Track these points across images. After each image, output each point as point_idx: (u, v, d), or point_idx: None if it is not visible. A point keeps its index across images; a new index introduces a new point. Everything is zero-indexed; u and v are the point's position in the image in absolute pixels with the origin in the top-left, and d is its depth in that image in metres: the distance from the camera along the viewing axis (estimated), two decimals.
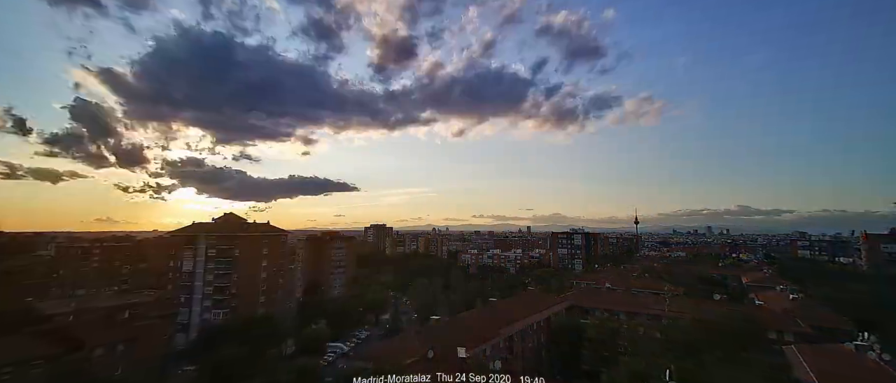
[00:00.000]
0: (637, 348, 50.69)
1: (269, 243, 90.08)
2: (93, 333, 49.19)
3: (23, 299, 75.46)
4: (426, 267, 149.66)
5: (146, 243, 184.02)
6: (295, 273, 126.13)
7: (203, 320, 77.83)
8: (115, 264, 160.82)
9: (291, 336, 74.01)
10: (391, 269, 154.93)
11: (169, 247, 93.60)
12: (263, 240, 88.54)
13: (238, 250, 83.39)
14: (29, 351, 41.77)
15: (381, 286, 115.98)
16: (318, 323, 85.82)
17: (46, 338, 45.24)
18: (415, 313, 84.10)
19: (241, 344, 59.56)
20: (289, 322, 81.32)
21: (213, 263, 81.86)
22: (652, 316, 59.38)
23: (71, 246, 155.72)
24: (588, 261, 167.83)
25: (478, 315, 57.89)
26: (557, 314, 65.96)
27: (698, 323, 50.22)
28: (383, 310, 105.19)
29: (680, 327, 51.00)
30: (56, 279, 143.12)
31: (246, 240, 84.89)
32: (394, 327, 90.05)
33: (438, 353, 39.25)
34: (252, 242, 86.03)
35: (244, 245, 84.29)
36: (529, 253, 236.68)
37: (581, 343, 56.86)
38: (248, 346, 60.66)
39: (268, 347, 63.12)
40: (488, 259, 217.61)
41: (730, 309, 53.51)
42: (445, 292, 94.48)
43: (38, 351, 42.37)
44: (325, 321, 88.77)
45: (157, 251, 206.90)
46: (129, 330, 54.36)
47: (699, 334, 48.53)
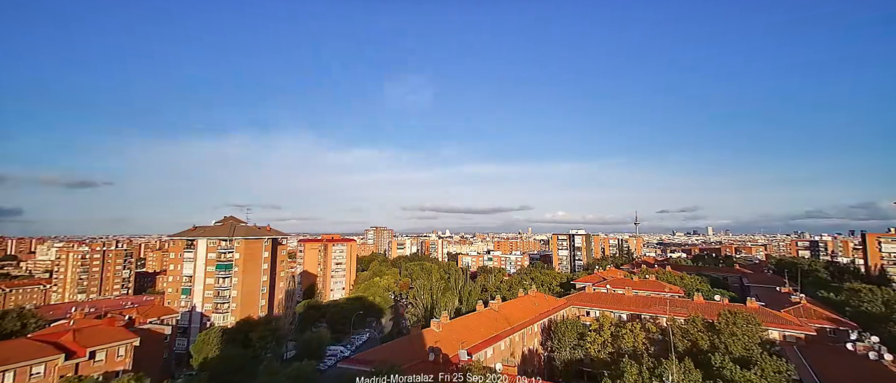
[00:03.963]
0: (638, 349, 50.65)
1: (270, 246, 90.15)
2: (93, 336, 49.10)
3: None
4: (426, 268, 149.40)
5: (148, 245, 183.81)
6: (295, 275, 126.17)
7: (203, 323, 77.81)
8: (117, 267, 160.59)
9: (291, 339, 73.95)
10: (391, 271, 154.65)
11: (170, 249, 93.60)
12: (263, 242, 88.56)
13: (238, 253, 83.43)
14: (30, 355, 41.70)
15: (382, 288, 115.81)
16: (318, 326, 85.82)
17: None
18: (415, 315, 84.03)
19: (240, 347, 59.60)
20: (289, 325, 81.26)
21: (213, 266, 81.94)
22: (652, 316, 59.36)
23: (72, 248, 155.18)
24: (588, 261, 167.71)
25: (478, 316, 57.83)
26: (558, 315, 65.93)
27: (699, 323, 50.19)
28: (384, 313, 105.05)
29: (681, 328, 50.97)
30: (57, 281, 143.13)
31: (246, 242, 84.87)
32: (394, 330, 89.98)
33: (439, 355, 39.24)
34: (252, 245, 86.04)
35: (244, 248, 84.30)
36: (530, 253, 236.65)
37: (581, 344, 56.79)
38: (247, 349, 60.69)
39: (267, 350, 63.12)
40: (488, 260, 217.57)
41: (731, 309, 53.41)
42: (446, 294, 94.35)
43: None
44: (326, 324, 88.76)
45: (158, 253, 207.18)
46: (129, 332, 54.27)
47: (700, 334, 48.51)
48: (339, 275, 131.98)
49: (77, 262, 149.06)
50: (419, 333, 49.32)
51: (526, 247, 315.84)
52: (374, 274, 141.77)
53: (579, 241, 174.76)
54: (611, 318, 59.63)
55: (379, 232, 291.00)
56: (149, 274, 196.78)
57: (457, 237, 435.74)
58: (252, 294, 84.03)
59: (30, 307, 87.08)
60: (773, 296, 72.79)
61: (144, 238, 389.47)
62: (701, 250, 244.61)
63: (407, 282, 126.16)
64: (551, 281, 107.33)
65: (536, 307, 65.57)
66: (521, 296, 72.93)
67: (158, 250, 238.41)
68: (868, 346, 42.25)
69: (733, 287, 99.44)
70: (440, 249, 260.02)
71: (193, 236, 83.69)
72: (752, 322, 47.48)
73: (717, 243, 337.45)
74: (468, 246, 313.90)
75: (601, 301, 69.14)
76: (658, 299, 67.19)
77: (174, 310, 78.00)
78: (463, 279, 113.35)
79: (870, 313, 57.62)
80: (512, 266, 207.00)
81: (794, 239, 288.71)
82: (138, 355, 51.86)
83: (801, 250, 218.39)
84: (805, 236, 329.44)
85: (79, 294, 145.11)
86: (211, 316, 79.41)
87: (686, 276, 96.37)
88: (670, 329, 50.06)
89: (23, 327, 64.72)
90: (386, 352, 43.40)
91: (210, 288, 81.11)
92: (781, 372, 36.38)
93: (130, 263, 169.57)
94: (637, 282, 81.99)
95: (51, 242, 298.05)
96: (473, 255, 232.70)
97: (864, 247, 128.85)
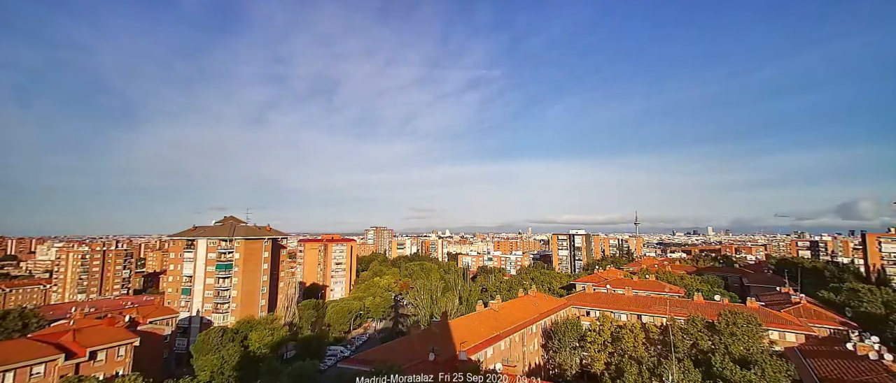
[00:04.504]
0: (638, 350, 50.68)
1: (270, 246, 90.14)
2: (94, 336, 49.10)
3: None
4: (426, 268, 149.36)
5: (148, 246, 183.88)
6: (295, 275, 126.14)
7: (203, 323, 77.81)
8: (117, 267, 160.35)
9: (291, 339, 73.90)
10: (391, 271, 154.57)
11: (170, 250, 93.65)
12: (263, 242, 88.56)
13: (238, 253, 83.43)
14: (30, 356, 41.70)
15: (382, 288, 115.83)
16: (318, 326, 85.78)
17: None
18: (415, 315, 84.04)
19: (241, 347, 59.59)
20: (289, 325, 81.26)
21: (213, 266, 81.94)
22: (653, 316, 59.36)
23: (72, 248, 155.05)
24: (588, 261, 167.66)
25: (478, 317, 57.82)
26: (558, 315, 65.90)
27: (700, 323, 50.21)
28: (384, 313, 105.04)
29: (682, 328, 50.99)
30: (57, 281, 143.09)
31: (246, 242, 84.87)
32: (394, 330, 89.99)
33: (439, 355, 39.23)
34: (252, 245, 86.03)
35: (244, 248, 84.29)
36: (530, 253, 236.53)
37: (582, 344, 56.81)
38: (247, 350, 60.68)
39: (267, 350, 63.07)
40: (488, 260, 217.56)
41: (731, 309, 53.42)
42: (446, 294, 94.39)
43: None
44: (326, 324, 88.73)
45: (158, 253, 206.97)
46: (129, 332, 54.27)
47: (701, 335, 48.53)
48: (339, 274, 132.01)
49: (77, 262, 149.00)
50: (419, 333, 49.36)
51: (526, 247, 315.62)
52: (375, 274, 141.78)
53: (579, 241, 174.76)
54: (611, 319, 59.65)
55: (379, 232, 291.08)
56: (149, 274, 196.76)
57: (457, 237, 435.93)
58: (252, 294, 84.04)
59: (30, 307, 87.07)
60: (773, 297, 72.77)
61: (144, 238, 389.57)
62: (701, 250, 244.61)
63: (407, 282, 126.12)
64: (551, 281, 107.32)
65: (536, 307, 65.55)
66: (521, 297, 72.91)
67: (158, 250, 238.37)
68: (868, 347, 42.20)
69: (733, 287, 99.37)
70: (440, 249, 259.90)
71: (193, 236, 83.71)
72: (752, 322, 47.48)
73: (717, 243, 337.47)
74: (468, 246, 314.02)
75: (601, 301, 69.10)
76: (658, 299, 67.17)
77: (174, 311, 78.02)
78: (463, 279, 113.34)
79: (870, 314, 57.58)
80: (512, 266, 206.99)
81: (794, 239, 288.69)
82: (138, 355, 51.86)
83: (801, 250, 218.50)
84: (805, 236, 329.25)
85: (79, 294, 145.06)
86: (211, 316, 79.43)
87: (686, 276, 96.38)
88: (670, 329, 50.09)
89: (24, 327, 64.74)
90: (386, 352, 43.43)
91: (210, 289, 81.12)
92: (781, 373, 36.40)
93: (130, 263, 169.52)
94: (637, 282, 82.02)
95: (51, 242, 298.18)
96: (473, 255, 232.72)
97: (864, 247, 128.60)
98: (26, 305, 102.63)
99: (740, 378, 35.18)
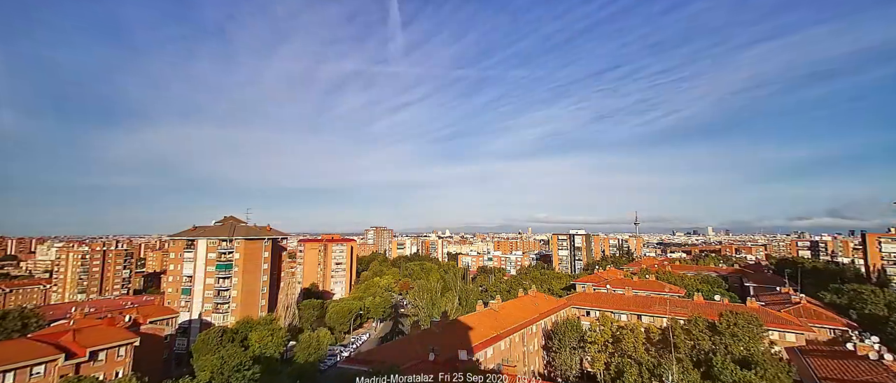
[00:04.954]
0: (639, 350, 50.64)
1: (270, 246, 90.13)
2: (94, 336, 49.09)
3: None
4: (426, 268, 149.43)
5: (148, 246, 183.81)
6: (295, 275, 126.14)
7: (203, 323, 77.82)
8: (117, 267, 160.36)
9: (291, 339, 73.92)
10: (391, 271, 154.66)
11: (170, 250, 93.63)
12: (263, 242, 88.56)
13: (238, 253, 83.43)
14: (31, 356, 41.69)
15: (382, 288, 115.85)
16: (318, 326, 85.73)
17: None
18: (415, 315, 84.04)
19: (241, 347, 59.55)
20: (289, 325, 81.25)
21: (213, 266, 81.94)
22: (653, 317, 59.33)
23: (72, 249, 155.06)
24: (588, 261, 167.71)
25: (478, 317, 57.80)
26: (558, 315, 65.87)
27: (701, 324, 50.16)
28: (384, 313, 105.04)
29: (682, 328, 50.94)
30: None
31: (246, 242, 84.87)
32: (394, 329, 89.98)
33: (439, 355, 39.20)
34: (252, 245, 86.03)
35: (244, 248, 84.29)
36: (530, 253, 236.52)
37: (582, 344, 56.77)
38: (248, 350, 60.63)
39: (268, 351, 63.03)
40: (488, 260, 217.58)
41: (732, 309, 53.40)
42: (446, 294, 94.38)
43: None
44: (326, 324, 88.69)
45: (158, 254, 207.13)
46: (129, 333, 54.26)
47: (702, 335, 48.50)
48: (339, 274, 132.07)
49: (77, 262, 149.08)
50: (419, 333, 49.33)
51: (526, 247, 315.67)
52: (375, 274, 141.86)
53: (579, 241, 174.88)
54: (611, 319, 59.61)
55: (379, 232, 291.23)
56: (149, 274, 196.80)
57: (457, 237, 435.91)
58: (252, 294, 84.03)
59: (30, 307, 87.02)
60: (773, 297, 72.72)
61: (144, 238, 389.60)
62: (701, 250, 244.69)
63: (407, 282, 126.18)
64: (551, 281, 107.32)
65: (537, 307, 65.50)
66: (521, 297, 72.85)
67: (158, 250, 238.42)
68: (868, 347, 42.18)
69: (733, 287, 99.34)
70: (440, 249, 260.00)
71: (193, 236, 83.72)
72: (753, 322, 47.44)
73: (717, 243, 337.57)
74: (468, 246, 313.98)
75: (601, 301, 69.06)
76: (658, 299, 67.11)
77: (174, 311, 77.98)
78: (463, 279, 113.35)
79: (870, 314, 57.56)
80: (512, 266, 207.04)
81: (794, 239, 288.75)
82: (138, 355, 51.84)
83: (801, 250, 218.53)
84: (805, 236, 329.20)
85: (79, 294, 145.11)
86: (211, 316, 79.44)
87: (686, 276, 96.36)
88: (672, 330, 50.05)
89: (24, 327, 64.72)
90: (386, 352, 43.43)
91: (210, 289, 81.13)
92: (782, 373, 36.38)
93: (130, 263, 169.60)
94: (637, 283, 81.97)
95: (51, 242, 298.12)
96: (473, 255, 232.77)
97: (864, 248, 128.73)
98: (26, 305, 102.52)
99: (741, 378, 35.16)
